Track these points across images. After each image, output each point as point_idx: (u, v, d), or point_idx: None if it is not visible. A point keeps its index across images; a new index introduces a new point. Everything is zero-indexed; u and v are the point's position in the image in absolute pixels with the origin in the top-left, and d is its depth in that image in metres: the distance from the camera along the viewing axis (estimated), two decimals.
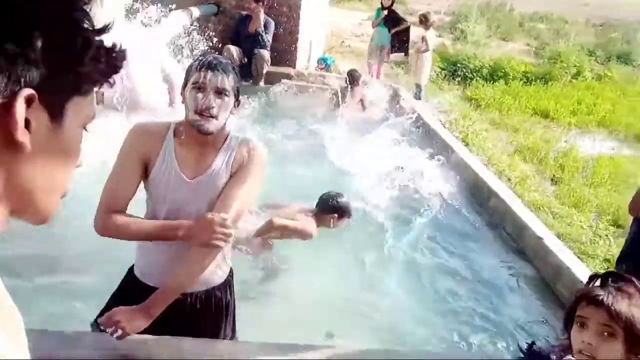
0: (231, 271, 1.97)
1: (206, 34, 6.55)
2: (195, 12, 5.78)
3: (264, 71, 6.25)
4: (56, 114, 0.57)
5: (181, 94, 1.77)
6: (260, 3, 6.08)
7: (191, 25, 5.48)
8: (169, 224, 1.70)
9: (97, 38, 0.58)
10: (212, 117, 1.68)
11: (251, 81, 6.29)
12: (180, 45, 5.22)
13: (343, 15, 13.28)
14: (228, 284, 1.94)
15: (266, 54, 6.16)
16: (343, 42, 11.41)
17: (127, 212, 1.72)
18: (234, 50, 6.09)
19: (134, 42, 4.57)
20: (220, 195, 1.74)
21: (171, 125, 1.78)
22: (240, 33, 6.20)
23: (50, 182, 0.59)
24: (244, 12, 6.24)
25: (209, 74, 1.67)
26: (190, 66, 1.75)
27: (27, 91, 0.52)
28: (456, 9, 14.29)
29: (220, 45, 6.16)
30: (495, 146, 5.95)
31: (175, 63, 4.93)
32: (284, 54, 6.57)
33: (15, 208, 0.57)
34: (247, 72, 6.25)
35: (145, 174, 1.75)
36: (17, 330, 0.55)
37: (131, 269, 1.89)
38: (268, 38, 6.19)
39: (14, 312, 0.56)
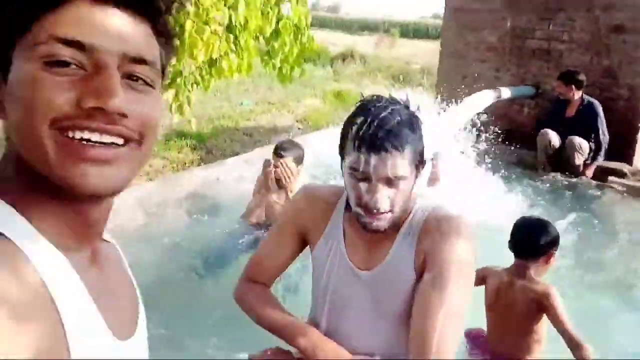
0: None
1: (520, 118, 5.91)
2: (506, 92, 5.20)
3: (577, 162, 5.09)
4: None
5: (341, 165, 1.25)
6: (572, 86, 5.07)
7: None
8: (296, 326, 1.26)
9: None
10: (384, 212, 1.16)
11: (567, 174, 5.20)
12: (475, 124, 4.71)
13: None
14: None
15: (579, 141, 5.02)
16: None
17: None
18: (552, 135, 5.16)
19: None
20: (412, 310, 1.14)
21: (344, 194, 1.29)
22: (557, 117, 5.26)
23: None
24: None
25: (373, 159, 1.11)
26: (346, 132, 1.19)
27: None
28: None
29: (533, 132, 5.39)
30: None
31: (454, 145, 4.39)
32: (618, 146, 5.25)
33: None
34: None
35: (304, 247, 1.36)
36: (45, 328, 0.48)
37: None
38: (599, 125, 5.04)
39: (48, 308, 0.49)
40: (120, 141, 0.53)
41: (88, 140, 0.51)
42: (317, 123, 7.83)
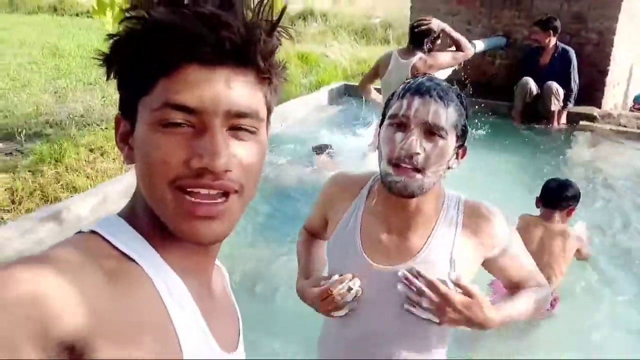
0: None
1: (492, 68, 5.92)
2: (480, 45, 5.16)
3: (553, 108, 5.16)
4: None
5: (377, 138, 1.21)
6: (550, 32, 5.08)
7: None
8: (302, 270, 1.38)
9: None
10: (416, 170, 1.08)
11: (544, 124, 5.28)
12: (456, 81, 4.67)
13: None
14: None
15: (556, 86, 5.08)
16: None
17: None
18: (531, 83, 5.18)
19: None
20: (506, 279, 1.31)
21: (370, 180, 1.25)
22: (530, 66, 5.28)
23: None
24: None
25: (416, 102, 1.09)
26: (392, 94, 1.17)
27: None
28: None
29: (507, 82, 5.42)
30: None
31: None
32: (588, 90, 5.34)
33: None
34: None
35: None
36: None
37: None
38: (572, 72, 5.08)
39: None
40: (223, 198, 0.59)
41: (197, 192, 0.58)
42: (286, 90, 7.61)
